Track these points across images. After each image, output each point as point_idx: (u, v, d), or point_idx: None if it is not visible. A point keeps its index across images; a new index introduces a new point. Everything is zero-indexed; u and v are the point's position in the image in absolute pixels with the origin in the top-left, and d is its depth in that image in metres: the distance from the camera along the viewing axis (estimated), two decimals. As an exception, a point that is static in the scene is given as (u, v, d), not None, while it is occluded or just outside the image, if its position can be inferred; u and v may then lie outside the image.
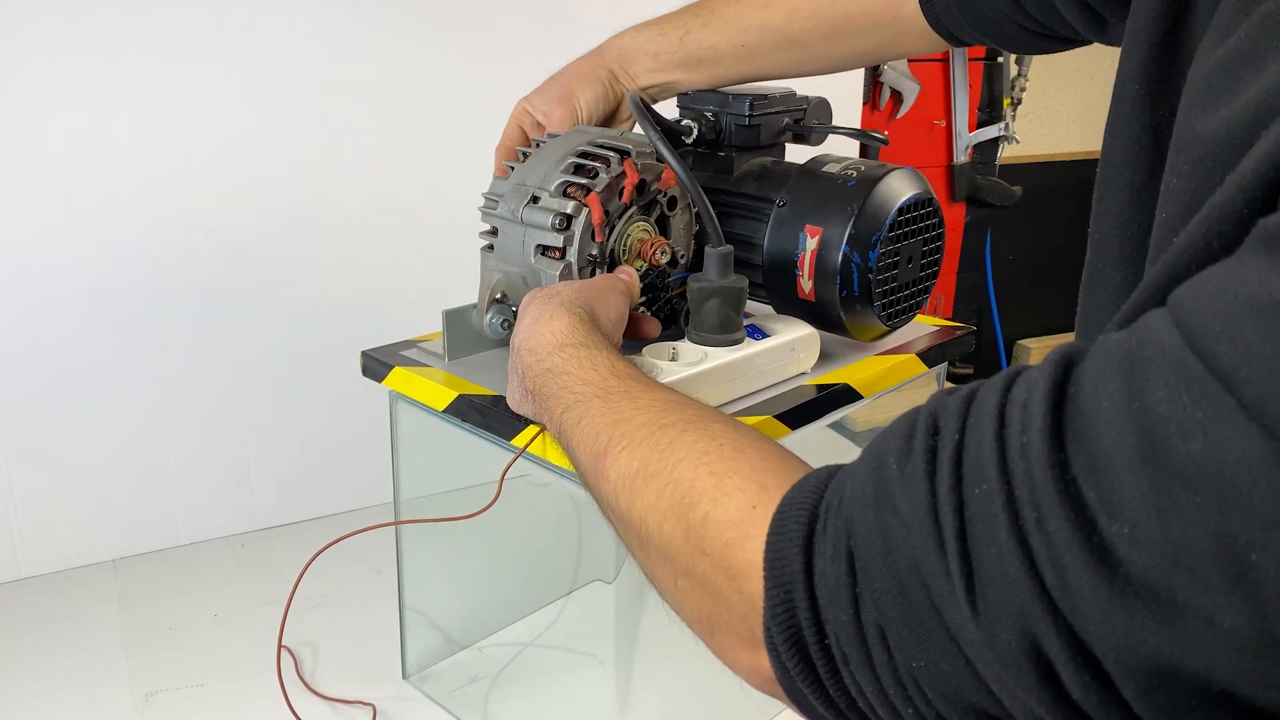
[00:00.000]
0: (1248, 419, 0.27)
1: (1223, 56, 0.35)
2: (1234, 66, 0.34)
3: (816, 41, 0.79)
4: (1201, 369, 0.28)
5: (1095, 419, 0.31)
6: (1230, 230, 0.31)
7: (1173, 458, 0.28)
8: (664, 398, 0.53)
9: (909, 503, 0.35)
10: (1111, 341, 0.32)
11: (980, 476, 0.33)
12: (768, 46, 0.80)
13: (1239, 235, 0.30)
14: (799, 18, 0.78)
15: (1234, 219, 0.31)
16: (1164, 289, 0.32)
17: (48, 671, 0.98)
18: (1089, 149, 2.37)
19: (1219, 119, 0.33)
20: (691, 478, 0.45)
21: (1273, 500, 0.27)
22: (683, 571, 0.45)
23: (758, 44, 0.80)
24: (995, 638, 0.32)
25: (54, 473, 1.13)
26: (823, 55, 0.81)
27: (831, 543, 0.38)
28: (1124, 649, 0.30)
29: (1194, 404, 0.28)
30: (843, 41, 0.79)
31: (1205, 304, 0.29)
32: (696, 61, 0.82)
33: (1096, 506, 0.30)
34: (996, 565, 0.32)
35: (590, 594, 1.12)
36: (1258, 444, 0.27)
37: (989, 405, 0.34)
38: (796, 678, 0.40)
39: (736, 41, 0.80)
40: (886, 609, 0.36)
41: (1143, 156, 0.44)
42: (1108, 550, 0.30)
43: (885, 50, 0.80)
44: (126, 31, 1.05)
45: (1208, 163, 0.33)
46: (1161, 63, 0.43)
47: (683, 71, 0.83)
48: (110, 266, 1.10)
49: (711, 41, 0.81)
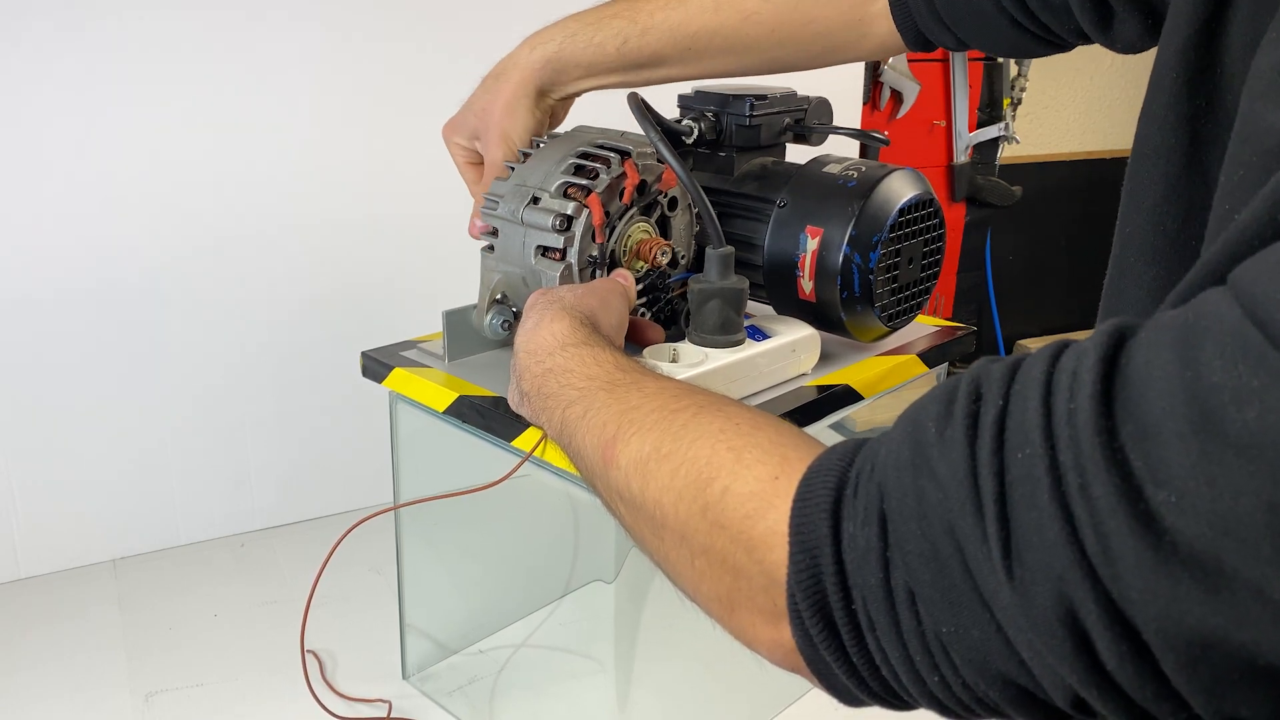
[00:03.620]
0: None
1: None
2: None
3: (770, 46, 0.77)
4: (1260, 337, 0.28)
5: (1146, 388, 0.30)
6: None
7: (1226, 426, 0.28)
8: (672, 386, 0.53)
9: (947, 466, 0.34)
10: (1167, 316, 0.31)
11: (1024, 440, 0.32)
12: (716, 50, 0.77)
13: None
14: (754, 23, 0.76)
15: None
16: (1224, 268, 0.31)
17: (48, 671, 0.98)
18: (1089, 149, 2.37)
19: None
20: (709, 455, 0.45)
21: None
22: (700, 550, 0.44)
23: (705, 48, 0.77)
24: (1030, 604, 0.32)
25: (54, 473, 1.13)
26: (773, 58, 0.78)
27: (863, 507, 0.37)
28: (1166, 619, 0.29)
29: (1250, 372, 0.28)
30: (800, 46, 0.77)
31: (1265, 275, 0.29)
32: (636, 67, 0.79)
33: (1143, 474, 0.29)
34: (1036, 530, 0.32)
35: (590, 594, 1.12)
36: None
37: (1036, 372, 0.34)
38: (820, 645, 0.39)
39: (682, 47, 0.77)
40: (918, 573, 0.35)
41: (1178, 148, 0.43)
42: (1154, 518, 0.29)
43: (841, 54, 0.78)
44: (127, 32, 1.05)
45: (1277, 152, 0.32)
46: (1201, 51, 0.42)
47: (618, 76, 0.80)
48: (110, 267, 1.10)
49: (655, 49, 0.77)
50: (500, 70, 0.81)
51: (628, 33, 0.77)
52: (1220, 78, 0.41)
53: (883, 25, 0.74)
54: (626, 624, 0.85)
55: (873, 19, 0.74)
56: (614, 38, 0.77)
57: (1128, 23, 0.59)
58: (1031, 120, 2.27)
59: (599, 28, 0.78)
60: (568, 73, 0.80)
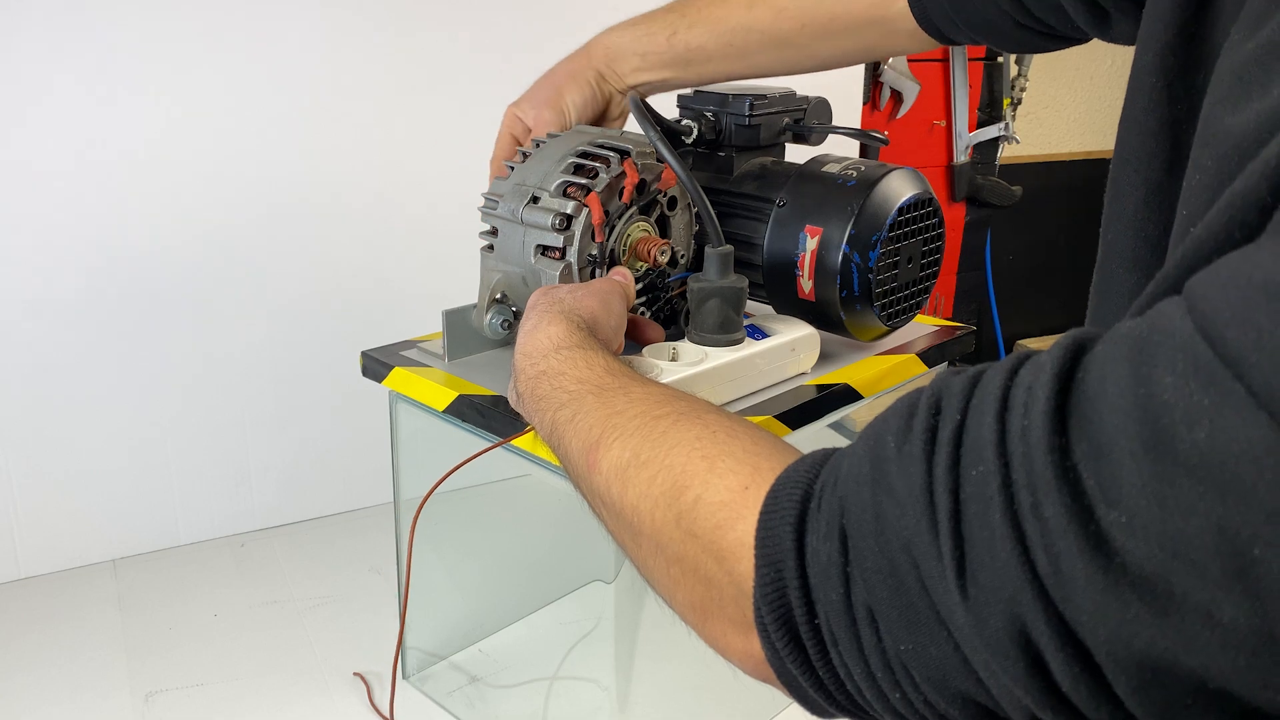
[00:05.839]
0: (1256, 407, 0.26)
1: (1255, 49, 0.33)
2: (1267, 59, 0.32)
3: (805, 41, 0.79)
4: (1210, 354, 0.27)
5: (1100, 404, 0.30)
6: (1253, 219, 0.29)
7: (1176, 446, 0.27)
8: (658, 392, 0.53)
9: (904, 482, 0.34)
10: (1124, 328, 0.31)
11: (978, 458, 0.32)
12: (755, 46, 0.80)
13: (1262, 223, 0.29)
14: (786, 18, 0.78)
15: (1257, 206, 0.29)
16: (1181, 279, 0.31)
17: (48, 671, 0.98)
18: (1089, 149, 2.37)
19: (1249, 113, 0.32)
20: (684, 463, 0.45)
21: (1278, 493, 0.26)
22: (674, 558, 0.44)
23: (745, 44, 0.80)
24: (984, 623, 0.32)
25: (54, 472, 1.13)
26: (812, 54, 0.80)
27: (825, 520, 0.37)
28: (1117, 641, 0.29)
29: (1201, 390, 0.27)
30: (831, 40, 0.79)
31: (1218, 289, 0.28)
32: (685, 61, 0.82)
33: (1095, 493, 0.29)
34: (988, 549, 0.31)
35: (590, 594, 1.12)
36: (1265, 433, 0.26)
37: (993, 386, 0.33)
38: (786, 659, 0.39)
39: (724, 41, 0.80)
40: (876, 590, 0.35)
41: (1159, 153, 0.42)
42: (1104, 539, 0.29)
43: (875, 49, 0.80)
44: (124, 30, 1.05)
45: (1234, 158, 0.32)
46: (1180, 54, 0.42)
47: (670, 70, 0.83)
48: (110, 267, 1.10)
49: (699, 42, 0.81)
50: (569, 55, 0.86)
51: (677, 25, 0.81)
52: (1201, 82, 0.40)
53: (907, 22, 0.75)
54: (626, 624, 0.85)
55: (896, 16, 0.75)
56: (665, 29, 0.82)
57: (1123, 21, 0.59)
58: (1031, 120, 2.28)
59: (654, 20, 0.83)
60: (625, 61, 0.83)
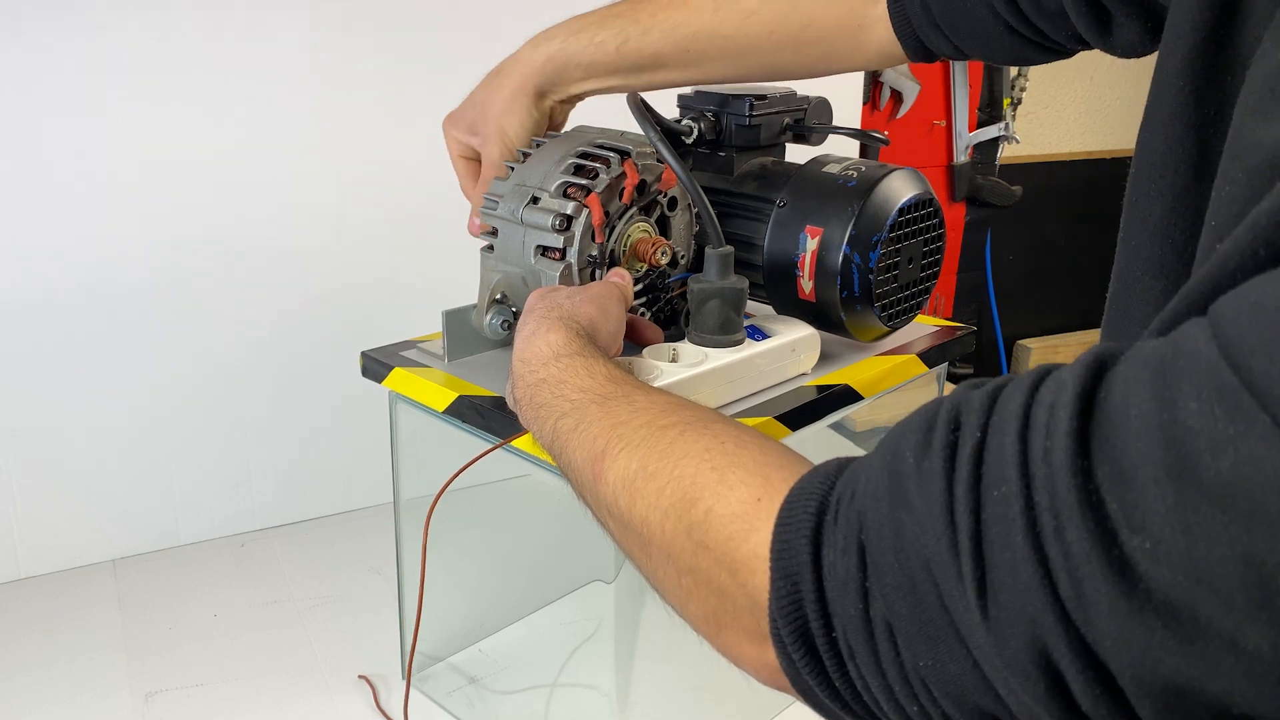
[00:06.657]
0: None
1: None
2: None
3: (769, 49, 0.75)
4: (1236, 383, 0.27)
5: (1123, 428, 0.30)
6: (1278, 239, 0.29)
7: (1201, 473, 0.27)
8: (662, 400, 0.53)
9: (924, 499, 0.34)
10: (1147, 348, 0.31)
11: (1000, 478, 0.32)
12: (715, 54, 0.76)
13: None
14: (754, 23, 0.75)
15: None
16: (1206, 297, 0.31)
17: (48, 671, 0.98)
18: (1089, 149, 2.37)
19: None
20: (693, 474, 0.45)
21: None
22: (686, 570, 0.44)
23: (705, 50, 0.76)
24: (1005, 644, 0.32)
25: (54, 473, 1.13)
26: (771, 64, 0.77)
27: (843, 534, 0.37)
28: (1141, 666, 0.29)
29: (1226, 419, 0.27)
30: (798, 50, 0.76)
31: (1245, 316, 0.28)
32: (636, 69, 0.77)
33: (1119, 519, 0.29)
34: (1010, 571, 0.31)
35: (590, 594, 1.12)
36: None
37: (1014, 404, 0.33)
38: (802, 670, 0.39)
39: (681, 48, 0.76)
40: (896, 605, 0.35)
41: (1185, 159, 0.42)
42: (1128, 564, 0.29)
43: (837, 62, 0.77)
44: (127, 31, 1.05)
45: (1265, 171, 0.32)
46: (1208, 58, 0.41)
47: (618, 79, 0.78)
48: (110, 267, 1.10)
49: (654, 49, 0.76)
50: (502, 67, 0.81)
51: (629, 31, 0.76)
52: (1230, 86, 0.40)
53: (881, 32, 0.73)
54: (626, 624, 0.85)
55: (872, 24, 0.73)
56: (615, 36, 0.76)
57: (1126, 27, 0.58)
58: (1031, 120, 2.28)
59: (601, 26, 0.77)
60: (569, 73, 0.79)
